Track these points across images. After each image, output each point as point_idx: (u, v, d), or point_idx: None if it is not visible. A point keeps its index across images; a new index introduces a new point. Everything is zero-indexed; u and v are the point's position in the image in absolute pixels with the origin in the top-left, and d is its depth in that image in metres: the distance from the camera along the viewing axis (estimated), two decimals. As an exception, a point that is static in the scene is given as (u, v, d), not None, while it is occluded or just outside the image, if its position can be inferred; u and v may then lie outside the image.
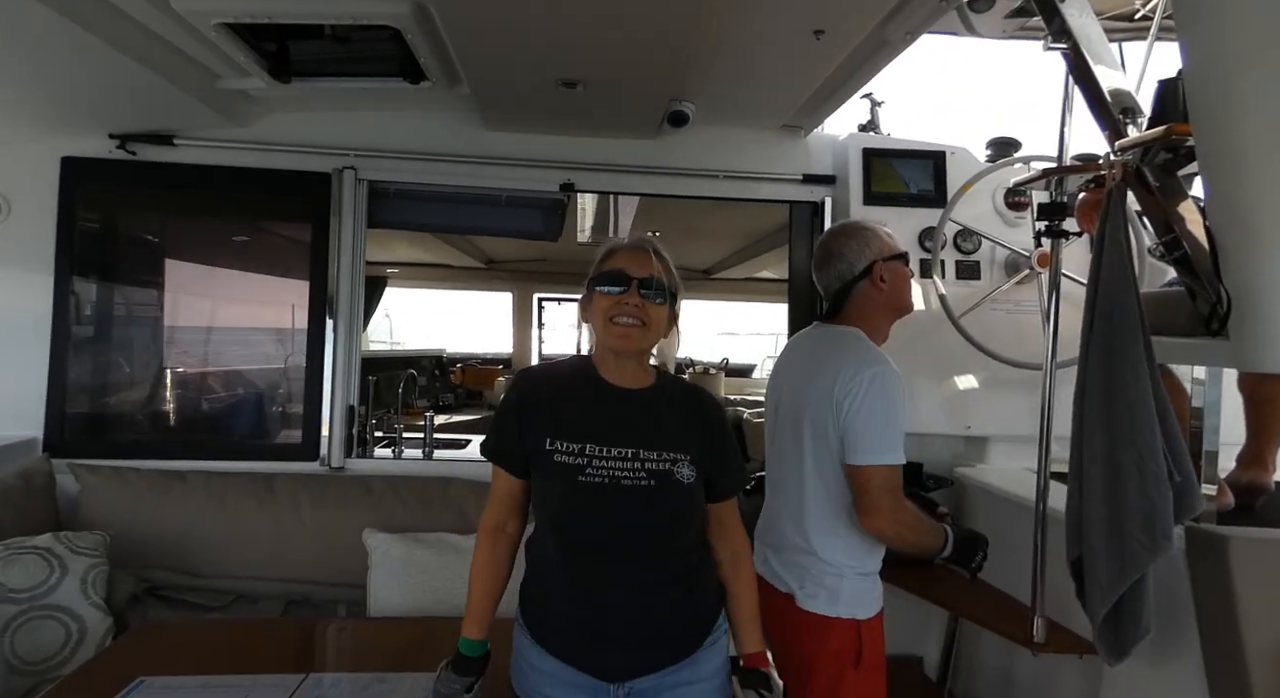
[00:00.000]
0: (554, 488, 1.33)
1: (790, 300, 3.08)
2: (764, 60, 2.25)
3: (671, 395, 1.40)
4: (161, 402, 2.88)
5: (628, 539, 1.32)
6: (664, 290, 1.33)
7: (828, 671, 1.61)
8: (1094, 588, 1.53)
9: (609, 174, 2.90)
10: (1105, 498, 1.52)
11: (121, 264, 2.88)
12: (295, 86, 2.44)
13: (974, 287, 2.77)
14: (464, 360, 7.26)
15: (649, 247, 1.37)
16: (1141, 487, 1.50)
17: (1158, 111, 1.53)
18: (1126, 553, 1.49)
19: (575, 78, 2.28)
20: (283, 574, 2.32)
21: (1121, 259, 1.58)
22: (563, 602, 1.35)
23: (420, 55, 2.22)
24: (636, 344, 1.33)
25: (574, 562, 1.35)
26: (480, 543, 1.45)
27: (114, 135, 2.68)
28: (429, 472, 2.71)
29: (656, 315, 1.33)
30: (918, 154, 2.84)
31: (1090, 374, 1.57)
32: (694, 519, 1.36)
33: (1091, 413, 1.55)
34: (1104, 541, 1.52)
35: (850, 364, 1.59)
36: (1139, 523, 1.49)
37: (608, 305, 1.32)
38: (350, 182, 2.77)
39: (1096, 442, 1.54)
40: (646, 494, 1.29)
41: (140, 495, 2.37)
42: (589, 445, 1.32)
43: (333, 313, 2.76)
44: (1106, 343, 1.55)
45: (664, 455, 1.32)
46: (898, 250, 1.74)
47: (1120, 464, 1.51)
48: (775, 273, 6.32)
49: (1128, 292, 1.56)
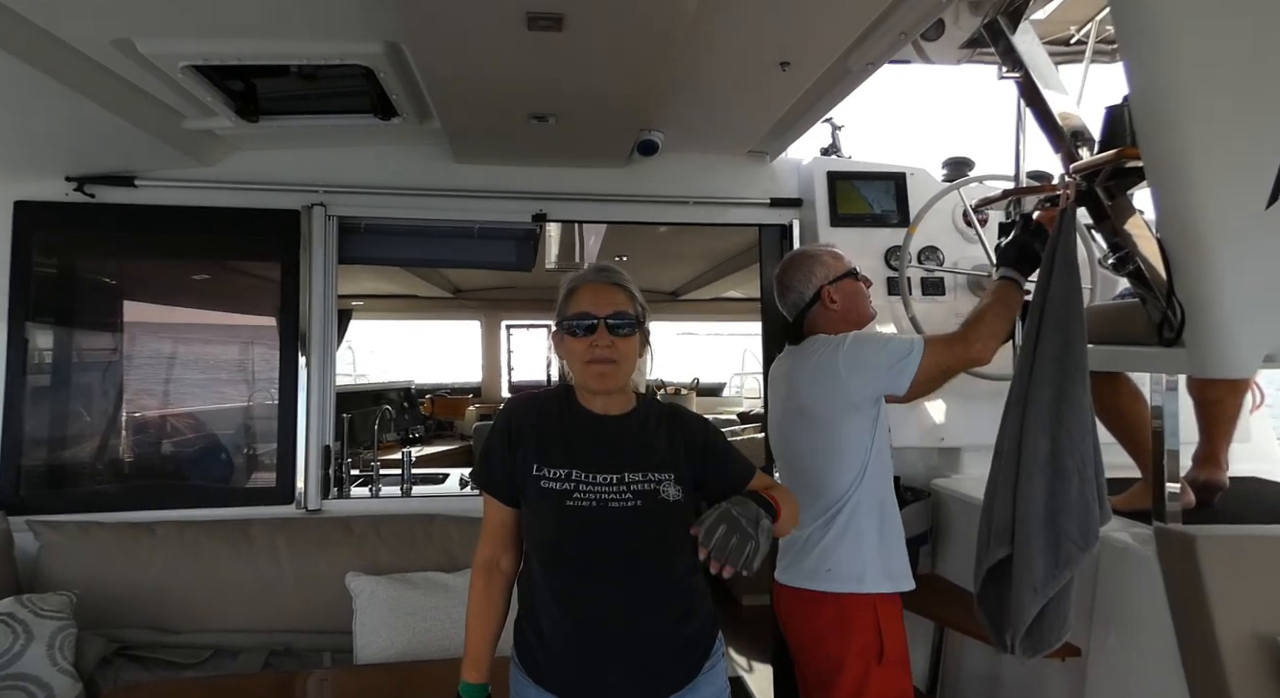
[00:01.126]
0: (542, 513, 1.35)
1: (763, 318, 3.13)
2: (731, 90, 2.31)
3: (651, 417, 1.43)
4: (125, 450, 2.78)
5: (618, 561, 1.33)
6: (631, 320, 1.36)
7: (853, 671, 1.68)
8: (1025, 588, 1.57)
9: (581, 203, 2.92)
10: (1046, 500, 1.57)
11: (80, 309, 2.79)
12: (263, 125, 2.42)
13: (940, 302, 2.85)
14: (433, 391, 7.16)
15: (609, 278, 1.40)
16: (1081, 490, 1.57)
17: (1107, 136, 1.61)
18: (1061, 553, 1.55)
19: (546, 111, 2.31)
20: (263, 625, 2.24)
21: (1072, 275, 1.65)
22: (556, 634, 1.35)
23: (392, 93, 2.22)
24: (614, 382, 1.36)
25: (566, 589, 1.36)
26: (475, 582, 1.44)
27: (71, 178, 2.60)
28: (409, 509, 2.66)
29: (627, 349, 1.36)
30: (879, 176, 2.94)
31: (1037, 382, 1.63)
32: (684, 539, 1.34)
33: (1038, 418, 1.60)
34: (1040, 541, 1.56)
35: (824, 343, 1.76)
36: (1076, 524, 1.55)
37: (581, 349, 1.35)
38: (320, 218, 2.74)
39: (1040, 446, 1.59)
40: (633, 514, 1.31)
41: (107, 551, 2.28)
42: (575, 471, 1.34)
43: (305, 350, 2.71)
44: (1059, 352, 1.61)
45: (649, 477, 1.34)
46: (843, 270, 1.88)
47: (1064, 468, 1.57)
48: (742, 292, 6.40)
49: (1079, 306, 1.64)
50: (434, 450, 5.62)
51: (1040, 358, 1.61)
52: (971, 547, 2.49)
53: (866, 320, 1.91)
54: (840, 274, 1.87)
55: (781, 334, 2.99)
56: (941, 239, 2.89)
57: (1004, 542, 1.59)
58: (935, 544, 2.69)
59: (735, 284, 6.05)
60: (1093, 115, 1.79)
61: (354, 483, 3.01)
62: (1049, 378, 1.58)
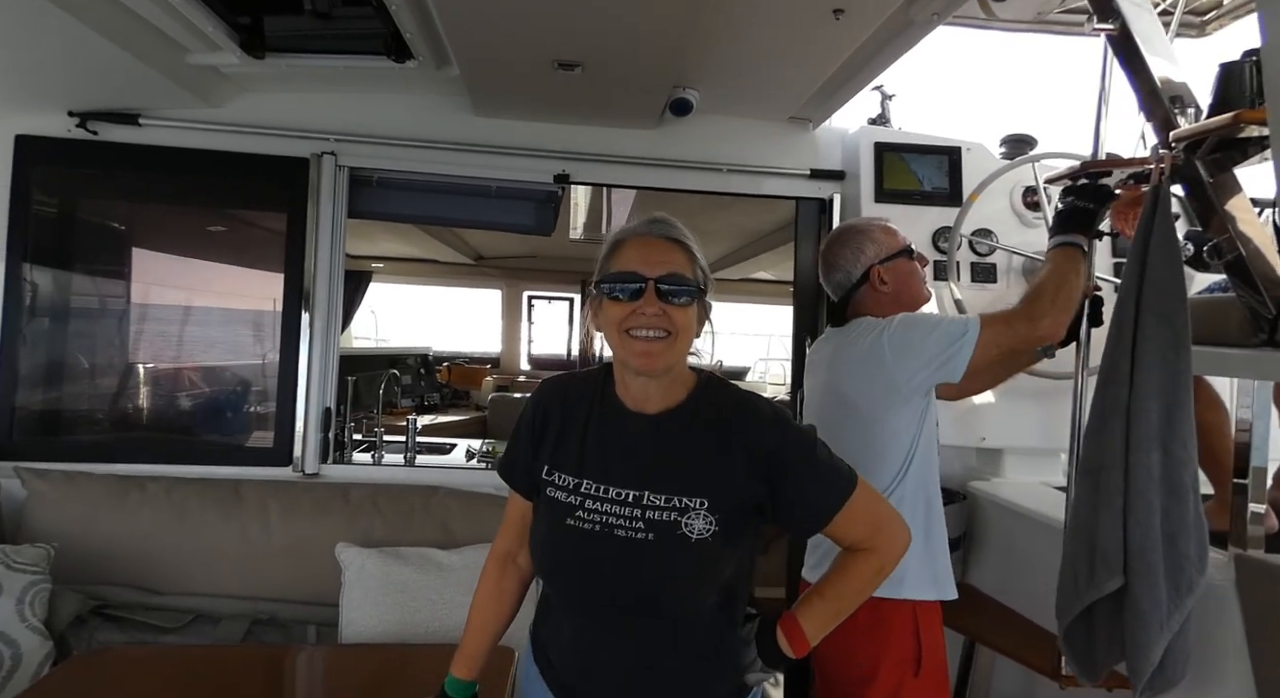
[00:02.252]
0: (541, 530, 1.15)
1: (795, 302, 2.93)
2: (777, 43, 2.10)
3: (703, 415, 1.12)
4: (123, 400, 2.68)
5: (618, 601, 1.09)
6: (690, 286, 1.07)
7: (885, 683, 1.53)
8: (1149, 624, 1.37)
9: (606, 165, 2.73)
10: (1162, 522, 1.37)
11: (80, 252, 2.67)
12: (270, 63, 2.27)
13: (990, 290, 2.63)
14: (451, 359, 7.07)
15: (664, 232, 1.11)
16: (1196, 508, 1.38)
17: (1220, 98, 1.39)
18: (1184, 580, 1.36)
19: (574, 59, 2.12)
20: (248, 591, 2.13)
21: (1174, 260, 1.44)
22: (562, 645, 1.18)
23: (406, 31, 2.05)
24: (663, 361, 1.06)
25: (565, 614, 1.17)
26: (487, 571, 1.28)
27: (74, 113, 2.48)
28: (411, 480, 2.52)
29: (683, 320, 1.06)
30: (932, 149, 2.70)
31: (1142, 387, 1.41)
32: (706, 585, 1.08)
33: (1148, 429, 1.39)
34: (1163, 567, 1.37)
35: (870, 325, 1.60)
36: (1194, 546, 1.36)
37: (621, 315, 1.06)
38: (330, 167, 2.58)
39: (1154, 463, 1.39)
40: (641, 550, 1.06)
41: (93, 503, 2.18)
42: (585, 482, 1.11)
43: (309, 307, 2.58)
44: (1165, 350, 1.40)
45: (672, 502, 1.07)
46: (896, 248, 1.70)
47: (1180, 485, 1.38)
48: (772, 274, 6.18)
49: (1182, 296, 1.42)
50: (448, 419, 5.52)
51: (1143, 357, 1.39)
52: (1009, 556, 2.31)
53: (920, 304, 1.73)
54: (893, 252, 1.70)
55: (810, 317, 2.86)
56: (996, 222, 2.66)
57: (1115, 572, 1.38)
58: (968, 551, 2.50)
59: (764, 265, 5.82)
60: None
61: (356, 448, 2.89)
62: (1157, 382, 1.37)
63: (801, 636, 1.13)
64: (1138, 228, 1.49)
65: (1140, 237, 1.47)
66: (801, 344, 2.86)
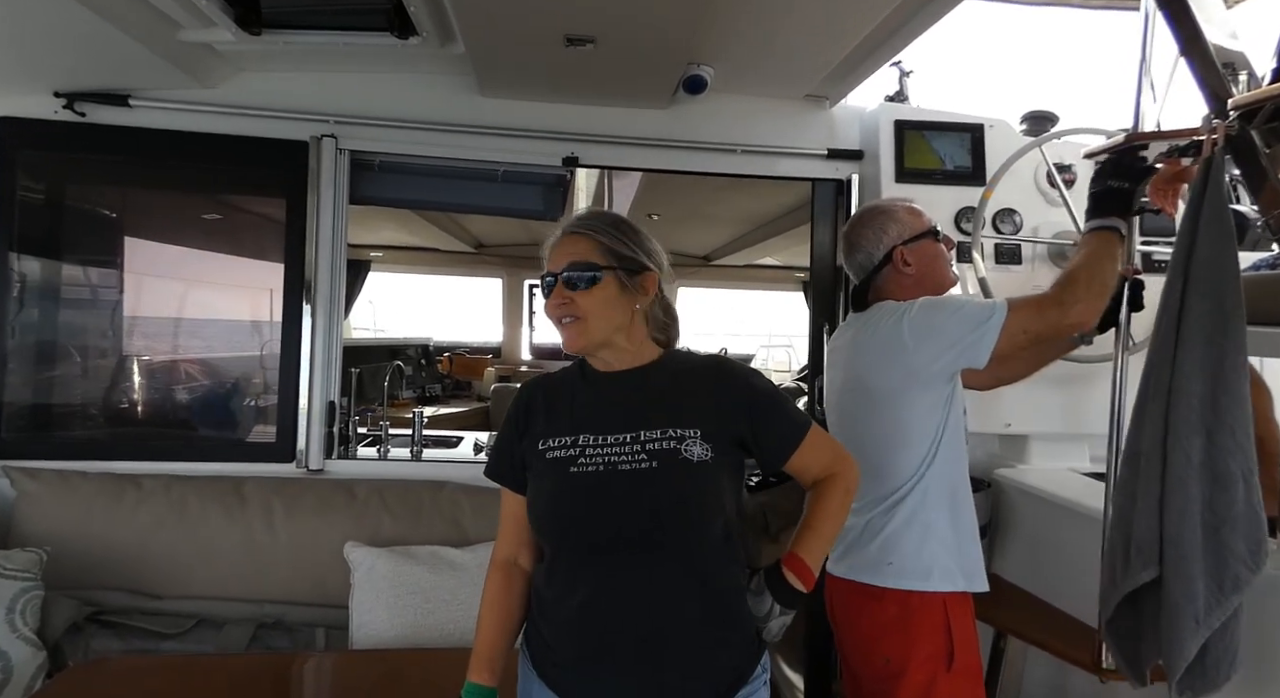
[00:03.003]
0: (545, 485, 1.17)
1: (813, 287, 2.84)
2: (797, 16, 2.00)
3: (678, 369, 1.25)
4: (117, 395, 2.59)
5: (632, 529, 1.14)
6: (591, 269, 1.19)
7: (916, 677, 1.48)
8: (1184, 618, 1.31)
9: (617, 147, 2.63)
10: (1204, 513, 1.30)
11: (70, 240, 2.56)
12: (267, 40, 2.15)
13: (1014, 272, 2.54)
14: (452, 349, 6.97)
15: (573, 227, 1.24)
16: (1248, 498, 1.30)
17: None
18: (1228, 576, 1.29)
19: (585, 33, 2.01)
20: (253, 594, 2.05)
21: (1225, 236, 1.36)
22: (560, 622, 1.16)
23: (410, 5, 1.95)
24: (583, 340, 1.20)
25: (570, 572, 1.16)
26: (490, 580, 1.27)
27: (60, 93, 2.37)
28: (418, 474, 2.45)
29: (591, 303, 1.18)
30: (954, 127, 2.61)
31: (1184, 368, 1.34)
32: (710, 508, 1.16)
33: (1189, 413, 1.33)
34: (1201, 562, 1.30)
35: (890, 310, 1.55)
36: (1243, 540, 1.28)
37: (549, 309, 1.22)
38: (330, 151, 2.48)
39: (1194, 448, 1.32)
40: (647, 476, 1.13)
41: (88, 504, 2.09)
42: (583, 436, 1.19)
43: (310, 298, 2.48)
44: (1212, 329, 1.33)
45: (668, 433, 1.16)
46: (921, 229, 1.64)
47: (1226, 474, 1.30)
48: (778, 259, 6.09)
49: (1234, 274, 1.34)
50: (450, 411, 5.44)
51: (1187, 337, 1.32)
52: (1036, 544, 2.24)
53: (946, 287, 1.66)
54: (917, 233, 1.64)
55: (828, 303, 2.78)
56: (1020, 201, 2.57)
57: (1150, 563, 1.33)
58: (994, 540, 2.43)
59: (771, 250, 5.73)
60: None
61: (361, 442, 2.81)
62: (1201, 362, 1.30)
63: (807, 568, 1.21)
64: (1188, 203, 1.41)
65: (1190, 212, 1.40)
66: (819, 331, 2.78)
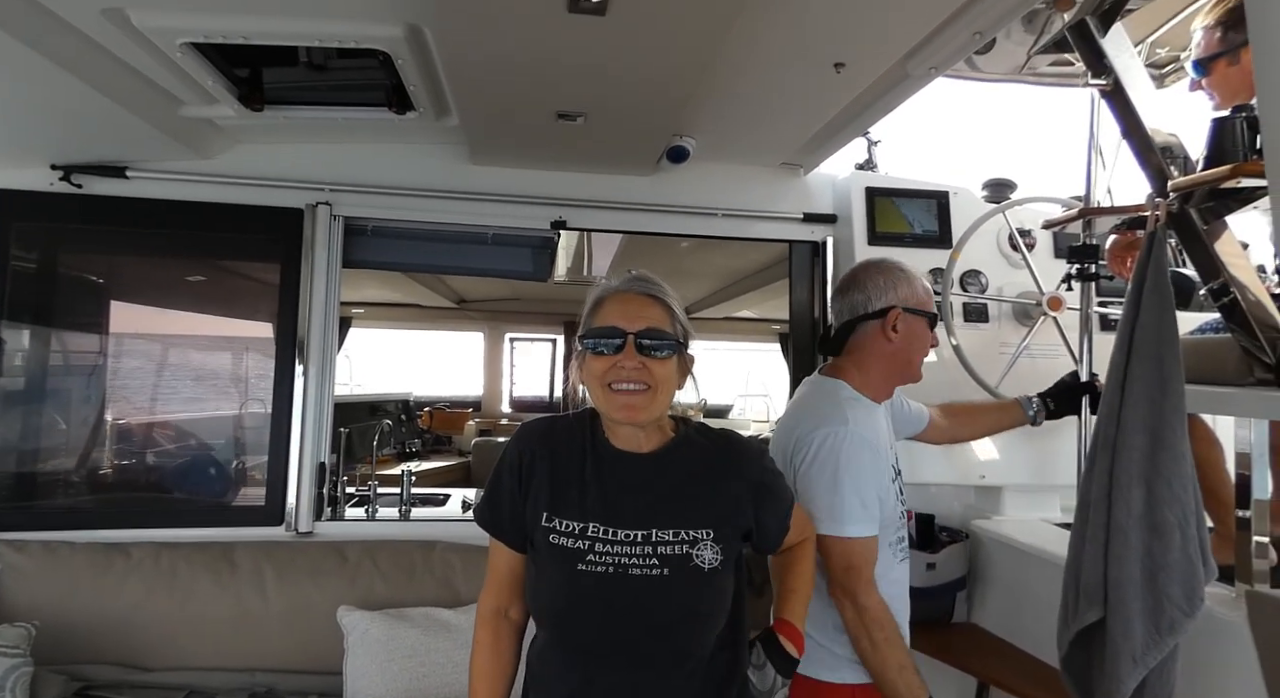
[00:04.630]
0: (549, 578, 1.13)
1: (792, 342, 2.95)
2: (775, 93, 2.14)
3: (696, 452, 1.20)
4: (103, 462, 2.57)
5: (636, 642, 1.11)
6: (670, 341, 1.13)
7: None
8: (1122, 657, 1.39)
9: (603, 211, 2.75)
10: (1143, 559, 1.40)
11: (62, 309, 2.58)
12: (268, 115, 2.24)
13: (982, 330, 2.67)
14: (432, 403, 6.95)
15: (644, 289, 1.17)
16: (1184, 547, 1.40)
17: (1214, 151, 1.45)
18: (1164, 619, 1.38)
19: (575, 110, 2.13)
20: (244, 663, 2.02)
21: (1165, 306, 1.49)
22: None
23: (410, 83, 2.05)
24: (645, 414, 1.12)
25: (572, 667, 1.13)
26: (479, 638, 1.23)
27: (56, 166, 2.41)
28: (408, 534, 2.45)
29: (663, 373, 1.12)
30: (921, 194, 2.77)
31: (1128, 424, 1.45)
32: (718, 614, 1.15)
33: (1129, 466, 1.43)
34: (1139, 603, 1.39)
35: (808, 421, 1.50)
36: (1179, 586, 1.38)
37: (603, 369, 1.12)
38: (325, 218, 2.55)
39: (1135, 499, 1.42)
40: (659, 585, 1.09)
41: (75, 575, 2.06)
42: (591, 526, 1.12)
43: (303, 359, 2.51)
44: (1154, 391, 1.44)
45: (680, 535, 1.12)
46: (924, 307, 1.62)
47: (1163, 524, 1.40)
48: (754, 312, 6.24)
49: (1175, 338, 1.46)
50: (432, 466, 5.41)
51: (1131, 397, 1.44)
52: (1014, 594, 2.30)
53: (911, 377, 1.63)
54: (920, 308, 1.60)
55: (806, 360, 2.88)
56: (985, 262, 2.72)
57: (1095, 604, 1.42)
58: (973, 590, 2.49)
59: (747, 304, 5.88)
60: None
61: (349, 503, 2.80)
62: (1143, 420, 1.41)
63: (798, 633, 1.23)
64: (1134, 273, 1.54)
65: (1135, 282, 1.52)
66: (799, 379, 2.87)
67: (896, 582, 1.58)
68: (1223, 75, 1.70)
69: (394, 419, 5.58)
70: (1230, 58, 1.68)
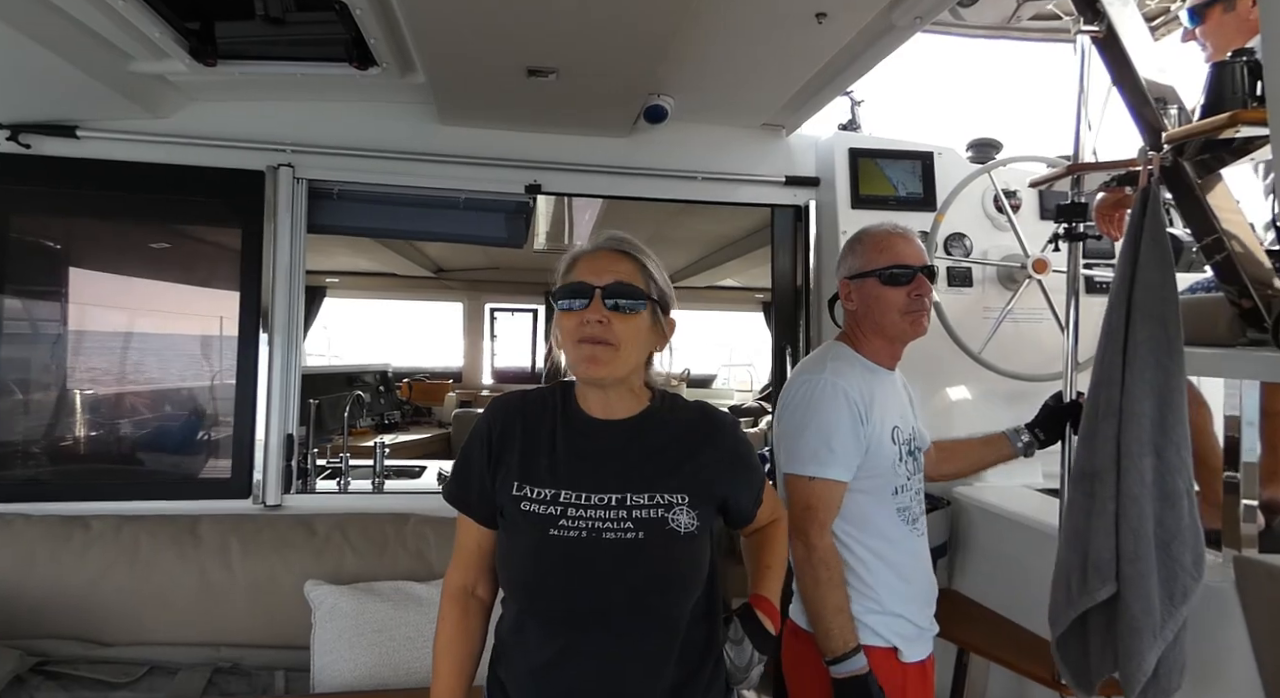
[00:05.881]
0: (520, 545, 1.09)
1: (775, 309, 2.89)
2: (756, 48, 2.06)
3: (671, 420, 1.17)
4: (62, 432, 2.48)
5: (610, 608, 1.08)
6: (638, 294, 1.10)
7: None
8: (1143, 633, 1.34)
9: (579, 174, 2.66)
10: (1156, 529, 1.35)
11: (13, 273, 2.46)
12: (222, 71, 2.13)
13: (966, 294, 2.64)
14: (411, 375, 6.87)
15: (617, 244, 1.15)
16: (1191, 513, 1.36)
17: (1211, 98, 1.39)
18: (1178, 587, 1.34)
19: (546, 66, 2.04)
20: (208, 638, 1.97)
21: (1165, 262, 1.43)
22: (526, 681, 1.11)
23: (370, 36, 1.95)
24: (607, 370, 1.09)
25: (545, 637, 1.10)
26: (445, 612, 1.20)
27: (3, 125, 2.30)
28: (381, 507, 2.39)
29: (628, 331, 1.09)
30: (905, 155, 2.71)
31: (1134, 390, 1.40)
32: (694, 580, 1.12)
33: (1140, 434, 1.38)
34: (1156, 575, 1.35)
35: (795, 372, 1.62)
36: (1189, 553, 1.34)
37: (572, 326, 1.09)
38: (287, 180, 2.45)
39: (1146, 468, 1.37)
40: (632, 548, 1.07)
41: (32, 548, 1.99)
42: (564, 492, 1.10)
43: (267, 328, 2.43)
44: (1159, 352, 1.39)
45: (655, 499, 1.09)
46: (865, 268, 1.57)
47: (1174, 491, 1.36)
48: (738, 280, 6.18)
49: (1175, 298, 1.41)
50: (410, 438, 5.35)
51: (1134, 360, 1.37)
52: (996, 561, 2.29)
53: (892, 335, 1.59)
54: (861, 271, 1.58)
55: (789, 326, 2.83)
56: (968, 226, 2.67)
57: (1108, 580, 1.36)
58: (954, 557, 2.48)
59: (730, 272, 5.81)
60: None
61: (320, 475, 2.74)
62: (1150, 384, 1.36)
63: (774, 608, 1.22)
64: (1127, 229, 1.48)
65: (1130, 238, 1.46)
66: (781, 352, 2.83)
67: (913, 553, 1.58)
68: (1218, 23, 1.64)
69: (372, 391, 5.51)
70: (1226, 4, 1.61)
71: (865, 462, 1.50)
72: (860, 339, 1.61)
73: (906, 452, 1.59)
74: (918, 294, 1.55)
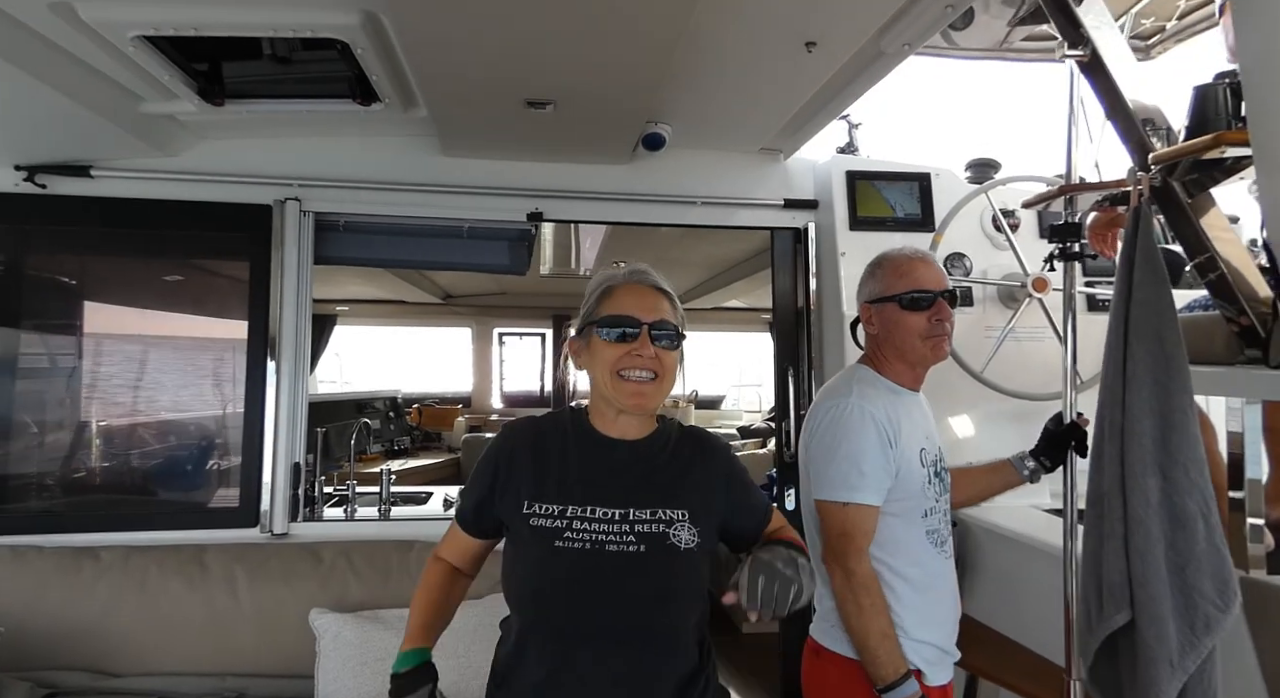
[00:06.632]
0: (527, 556, 1.14)
1: (777, 331, 2.90)
2: (749, 76, 2.10)
3: (670, 444, 1.24)
4: (74, 465, 2.52)
5: (612, 621, 1.11)
6: (674, 333, 1.19)
7: None
8: (1159, 663, 1.29)
9: (579, 202, 2.70)
10: (1167, 553, 1.31)
11: (30, 310, 2.52)
12: (230, 110, 2.19)
13: (968, 314, 2.63)
14: (420, 400, 6.91)
15: (654, 281, 1.23)
16: (1209, 537, 1.31)
17: (1196, 121, 1.40)
18: (1198, 615, 1.28)
19: (544, 98, 2.08)
20: (215, 667, 1.98)
21: (1159, 280, 1.42)
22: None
23: (371, 73, 2.00)
24: (652, 401, 1.18)
25: (548, 651, 1.13)
26: (432, 566, 1.27)
27: (20, 166, 2.37)
28: (387, 534, 2.41)
29: (670, 364, 1.18)
30: (902, 176, 2.73)
31: (1134, 409, 1.39)
32: (693, 595, 1.16)
33: (1142, 454, 1.35)
34: (1170, 602, 1.30)
35: (820, 396, 1.61)
36: (1209, 579, 1.29)
37: (615, 357, 1.16)
38: (294, 213, 2.50)
39: (1150, 488, 1.35)
40: (634, 561, 1.11)
41: (43, 579, 2.02)
42: (571, 507, 1.15)
43: (275, 357, 2.47)
44: (1156, 370, 1.38)
45: (658, 515, 1.15)
46: (885, 293, 1.59)
47: (1184, 513, 1.31)
48: (743, 301, 6.19)
49: (1171, 315, 1.40)
50: (420, 464, 5.37)
51: (1133, 378, 1.35)
52: (1005, 583, 2.27)
53: (912, 359, 1.59)
54: (881, 296, 1.59)
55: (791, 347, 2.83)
56: (968, 246, 2.68)
57: (1122, 605, 1.32)
58: (962, 579, 2.45)
59: (736, 293, 5.83)
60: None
61: (327, 503, 2.76)
62: (1149, 402, 1.33)
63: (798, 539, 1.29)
64: (1122, 249, 1.48)
65: (1124, 257, 1.46)
66: (784, 374, 2.83)
67: (941, 575, 1.57)
68: None
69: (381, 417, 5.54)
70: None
71: (895, 485, 1.50)
72: (882, 362, 1.61)
73: (934, 474, 1.59)
74: (938, 319, 1.55)
